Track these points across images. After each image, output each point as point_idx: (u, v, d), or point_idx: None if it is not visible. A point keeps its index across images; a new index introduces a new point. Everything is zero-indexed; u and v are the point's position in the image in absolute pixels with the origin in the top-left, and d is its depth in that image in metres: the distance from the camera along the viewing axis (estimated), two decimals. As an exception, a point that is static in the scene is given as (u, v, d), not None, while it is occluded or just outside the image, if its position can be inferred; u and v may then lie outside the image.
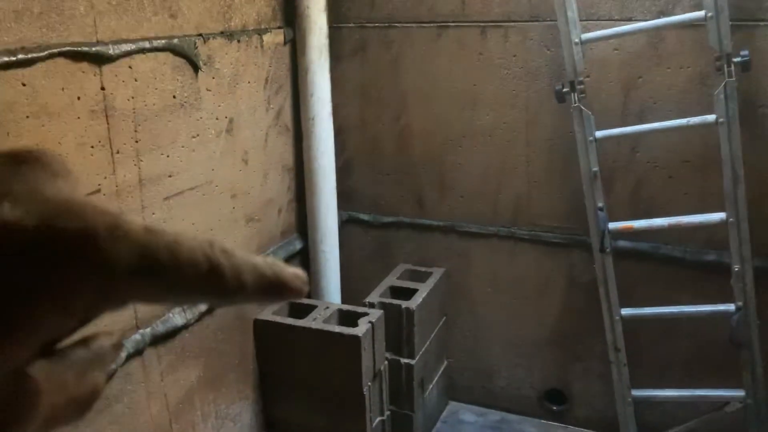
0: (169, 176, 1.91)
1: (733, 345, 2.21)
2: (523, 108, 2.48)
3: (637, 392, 2.40)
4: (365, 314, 2.38)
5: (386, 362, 2.46)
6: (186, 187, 1.98)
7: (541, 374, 2.77)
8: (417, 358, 2.50)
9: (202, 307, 2.08)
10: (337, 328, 2.30)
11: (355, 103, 2.70)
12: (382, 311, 2.41)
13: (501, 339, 2.79)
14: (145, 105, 1.80)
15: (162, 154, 1.88)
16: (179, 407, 2.03)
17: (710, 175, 2.23)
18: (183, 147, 1.96)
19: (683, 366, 2.48)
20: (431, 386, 2.69)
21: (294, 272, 0.33)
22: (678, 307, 2.29)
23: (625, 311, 2.35)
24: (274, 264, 0.33)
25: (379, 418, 2.44)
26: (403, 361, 2.49)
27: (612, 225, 2.28)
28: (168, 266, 0.28)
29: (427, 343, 2.61)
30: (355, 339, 2.24)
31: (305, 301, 2.55)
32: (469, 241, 2.73)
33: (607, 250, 2.28)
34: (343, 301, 2.73)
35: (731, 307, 2.19)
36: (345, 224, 2.90)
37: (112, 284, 0.27)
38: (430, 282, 2.66)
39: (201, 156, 2.03)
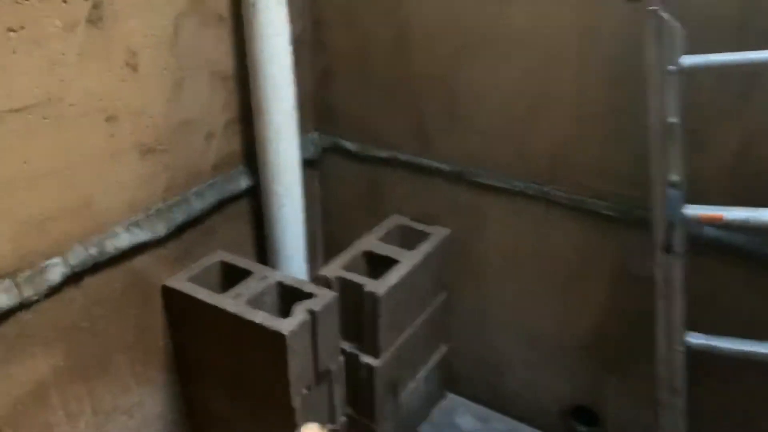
0: (-32, 92, 1.23)
1: None
2: (575, 5, 1.57)
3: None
4: (311, 296, 1.69)
5: (342, 357, 1.79)
6: (2, 109, 1.29)
7: (566, 384, 2.02)
8: (382, 359, 1.82)
9: (56, 278, 1.45)
10: (259, 317, 1.61)
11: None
12: (335, 294, 1.70)
13: (516, 329, 2.04)
14: None
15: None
16: (16, 410, 1.46)
17: None
18: (-6, 46, 1.25)
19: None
20: (413, 385, 2.02)
21: None
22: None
23: (695, 338, 1.52)
24: None
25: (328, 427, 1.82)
26: (364, 360, 1.82)
27: (690, 210, 1.42)
28: None
29: (404, 337, 1.90)
30: (280, 337, 1.56)
31: (241, 264, 1.88)
32: (484, 196, 1.93)
33: (676, 250, 1.43)
34: (325, 252, 2.04)
35: None
36: (326, 153, 2.16)
37: None
38: (423, 249, 1.91)
39: (32, 60, 1.32)
